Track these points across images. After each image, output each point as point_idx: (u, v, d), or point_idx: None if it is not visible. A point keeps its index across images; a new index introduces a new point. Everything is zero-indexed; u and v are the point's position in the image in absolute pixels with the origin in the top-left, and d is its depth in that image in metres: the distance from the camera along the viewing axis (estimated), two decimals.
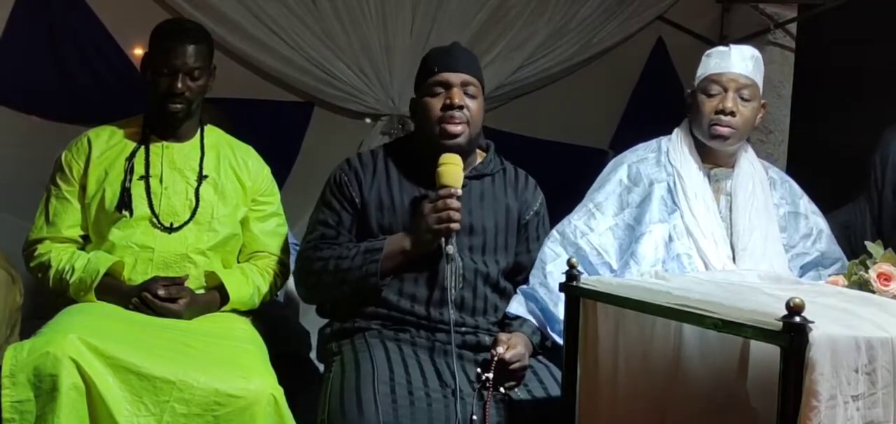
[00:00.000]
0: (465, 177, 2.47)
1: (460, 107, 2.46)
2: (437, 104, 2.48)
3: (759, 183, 2.63)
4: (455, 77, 2.49)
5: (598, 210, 2.60)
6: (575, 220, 2.60)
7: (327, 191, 2.58)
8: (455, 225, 2.38)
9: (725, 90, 2.54)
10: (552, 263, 2.50)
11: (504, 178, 2.62)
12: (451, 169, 2.41)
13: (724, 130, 2.54)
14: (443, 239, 2.39)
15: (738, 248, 2.53)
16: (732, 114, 2.53)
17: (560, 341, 2.36)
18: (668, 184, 2.58)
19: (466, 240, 2.49)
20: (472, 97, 2.50)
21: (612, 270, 2.52)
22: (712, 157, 2.62)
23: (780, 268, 2.52)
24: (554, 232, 2.59)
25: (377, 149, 2.66)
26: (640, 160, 2.65)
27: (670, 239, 2.52)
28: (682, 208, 2.54)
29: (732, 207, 2.59)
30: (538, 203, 2.64)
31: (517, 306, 2.50)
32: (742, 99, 2.55)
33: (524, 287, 2.53)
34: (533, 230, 2.62)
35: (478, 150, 2.62)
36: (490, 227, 2.53)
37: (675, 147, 2.63)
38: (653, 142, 2.70)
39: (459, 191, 2.41)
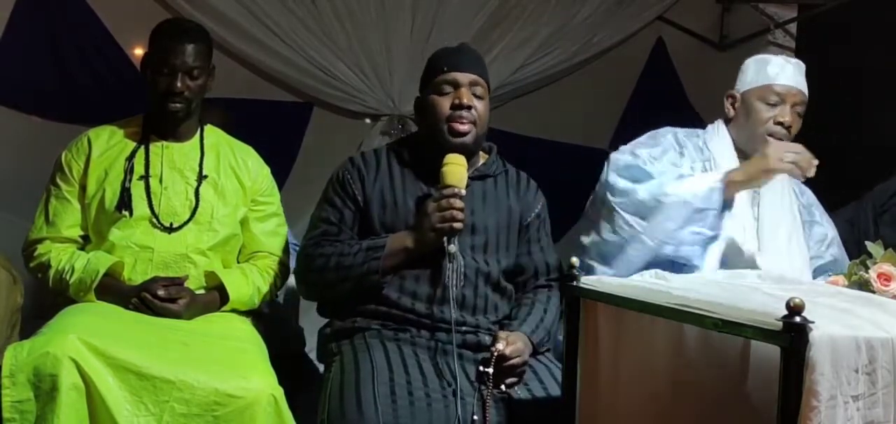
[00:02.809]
0: (469, 178, 2.47)
1: (469, 107, 2.47)
2: (445, 103, 2.49)
3: (787, 188, 2.67)
4: (463, 76, 2.50)
5: (652, 139, 2.66)
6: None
7: (330, 188, 2.59)
8: (458, 225, 2.39)
9: (784, 102, 2.56)
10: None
11: (506, 180, 2.64)
12: (456, 169, 2.42)
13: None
14: (445, 238, 2.40)
15: (763, 241, 2.55)
16: (789, 128, 2.56)
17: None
18: (704, 166, 2.61)
19: (468, 240, 2.49)
20: (480, 98, 2.51)
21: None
22: (746, 159, 2.64)
23: (802, 267, 2.55)
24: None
25: (380, 148, 2.67)
26: (686, 134, 2.68)
27: None
28: None
29: (760, 204, 2.61)
30: (539, 206, 2.66)
31: None
32: (798, 115, 2.59)
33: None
34: (534, 232, 2.63)
35: (480, 152, 2.63)
36: (492, 227, 2.54)
37: (713, 138, 2.67)
38: (693, 130, 2.72)
39: (463, 191, 2.41)
